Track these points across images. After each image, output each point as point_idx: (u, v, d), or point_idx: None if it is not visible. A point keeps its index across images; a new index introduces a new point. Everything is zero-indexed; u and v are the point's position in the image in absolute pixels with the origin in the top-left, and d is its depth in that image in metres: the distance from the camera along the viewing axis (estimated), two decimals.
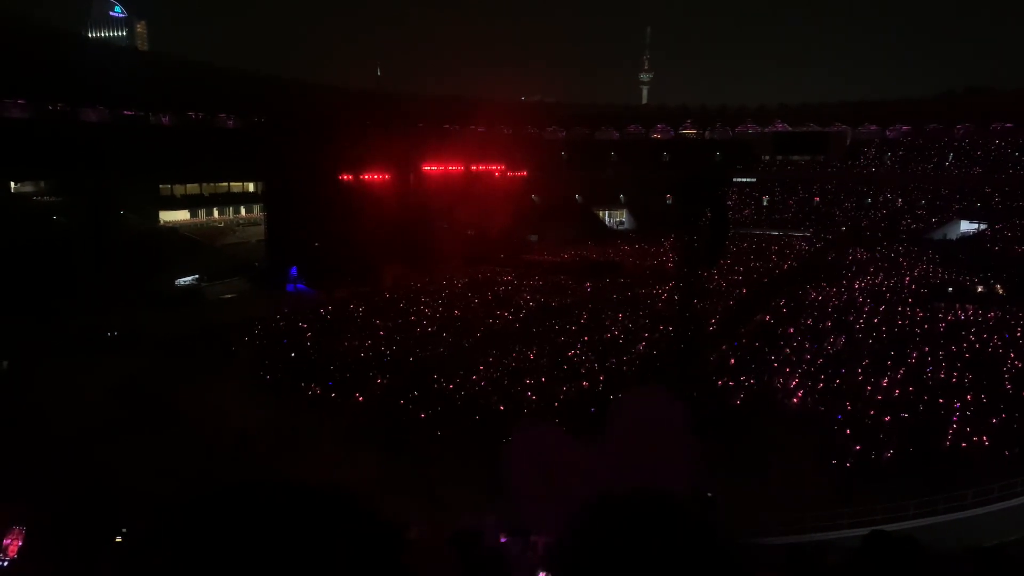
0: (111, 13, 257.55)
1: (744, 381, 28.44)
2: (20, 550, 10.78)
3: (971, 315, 39.97)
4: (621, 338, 35.57)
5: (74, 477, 19.43)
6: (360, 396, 27.07)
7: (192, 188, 73.35)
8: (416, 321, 39.41)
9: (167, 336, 35.56)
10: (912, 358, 31.30)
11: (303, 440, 23.63)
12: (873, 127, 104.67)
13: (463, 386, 27.94)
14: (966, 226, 76.81)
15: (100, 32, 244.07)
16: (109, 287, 42.49)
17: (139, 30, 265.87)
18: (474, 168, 74.36)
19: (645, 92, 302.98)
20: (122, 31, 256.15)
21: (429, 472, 21.06)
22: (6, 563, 10.79)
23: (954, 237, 74.56)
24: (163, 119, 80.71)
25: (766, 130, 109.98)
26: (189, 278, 51.53)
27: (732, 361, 31.53)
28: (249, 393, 28.65)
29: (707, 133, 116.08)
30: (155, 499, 17.91)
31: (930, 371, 29.39)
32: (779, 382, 28.36)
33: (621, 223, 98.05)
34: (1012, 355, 31.45)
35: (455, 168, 71.63)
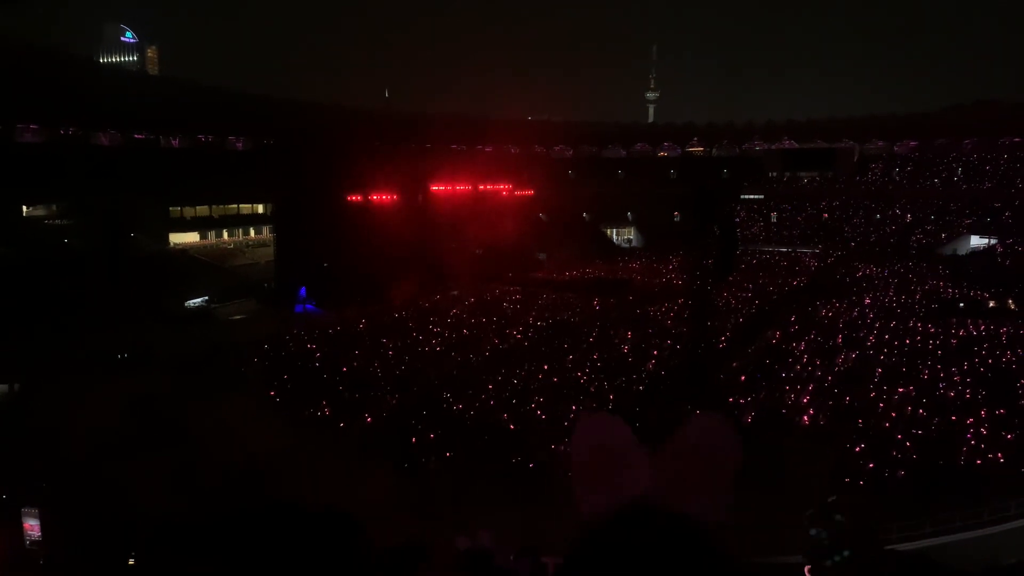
0: (122, 39, 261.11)
1: (755, 399, 28.29)
2: (43, 530, 10.90)
3: (983, 330, 39.69)
4: (630, 356, 35.45)
5: (86, 497, 19.45)
6: (369, 416, 27.05)
7: (202, 210, 73.77)
8: (425, 340, 39.41)
9: (178, 357, 35.67)
10: (924, 374, 31.08)
11: (313, 459, 23.59)
12: (881, 142, 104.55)
13: (472, 405, 27.88)
14: (976, 241, 76.43)
15: (111, 57, 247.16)
16: (120, 309, 42.72)
17: (150, 55, 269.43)
18: (482, 187, 74.63)
19: (651, 110, 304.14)
20: (133, 56, 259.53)
21: (438, 492, 21.02)
22: (35, 540, 10.87)
23: (964, 252, 74.16)
24: (173, 142, 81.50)
25: (773, 147, 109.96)
26: (199, 299, 51.79)
27: (743, 378, 31.37)
28: (259, 413, 28.66)
29: (714, 150, 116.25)
30: (166, 519, 17.94)
31: (943, 387, 29.16)
32: (790, 399, 28.19)
33: (629, 240, 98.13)
34: None
35: (463, 187, 71.91)
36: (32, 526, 11.33)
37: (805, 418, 26.31)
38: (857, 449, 22.88)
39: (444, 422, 26.01)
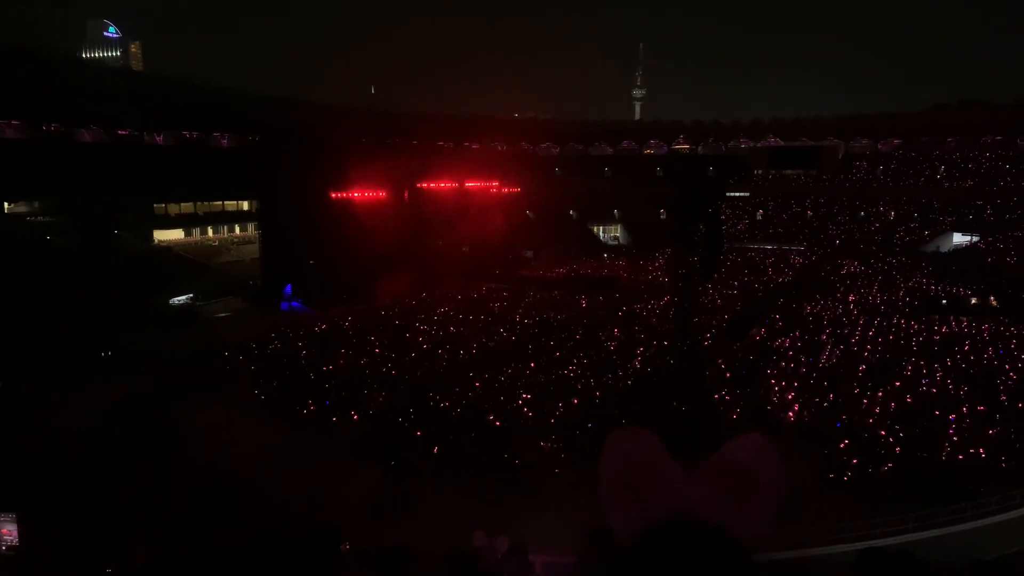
0: (105, 34, 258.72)
1: (740, 396, 28.40)
2: (21, 536, 10.77)
3: (966, 327, 40.07)
4: (616, 354, 35.53)
5: (69, 500, 19.30)
6: (356, 414, 26.96)
7: (186, 207, 73.36)
8: (412, 338, 39.32)
9: (162, 356, 35.40)
10: (908, 371, 31.34)
11: (300, 459, 23.49)
12: (865, 141, 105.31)
13: (459, 403, 27.85)
14: (959, 238, 77.17)
15: (95, 53, 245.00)
16: (104, 307, 42.36)
17: (133, 51, 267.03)
18: (469, 185, 74.58)
19: (638, 108, 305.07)
20: (116, 52, 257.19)
21: (425, 490, 21.02)
22: (11, 545, 10.73)
23: (947, 250, 74.86)
24: (157, 138, 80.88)
25: (759, 145, 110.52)
26: (184, 297, 51.43)
27: (728, 376, 31.49)
28: (245, 413, 28.51)
29: (700, 148, 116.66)
30: (150, 523, 17.83)
31: (926, 384, 29.43)
32: (775, 396, 28.33)
33: (616, 238, 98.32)
34: (1007, 367, 31.52)
35: (450, 185, 71.84)
36: (9, 531, 11.15)
37: (790, 415, 26.46)
38: (842, 445, 23.04)
39: (431, 420, 25.97)
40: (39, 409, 27.91)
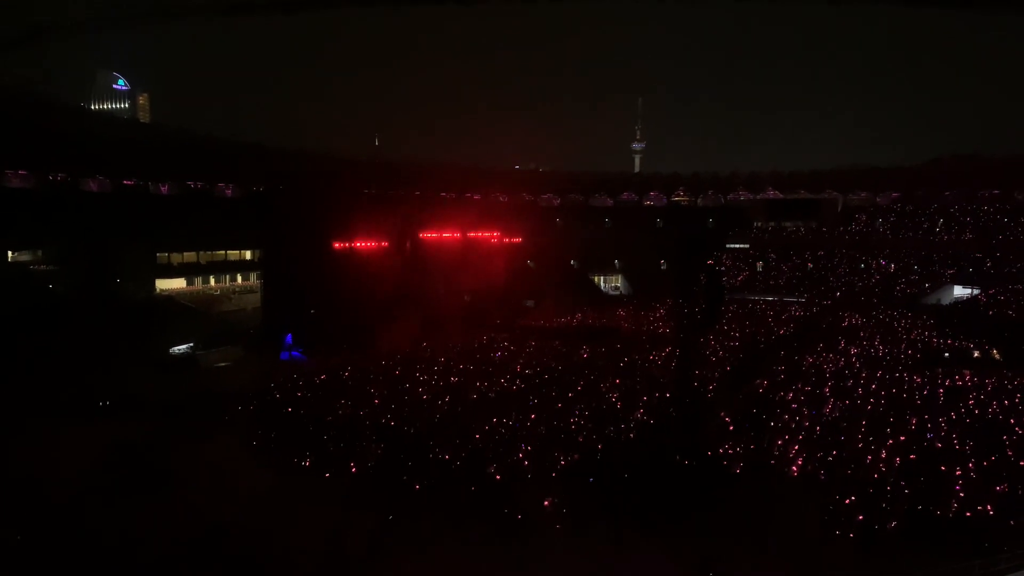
0: (114, 86, 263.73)
1: (743, 448, 28.09)
2: None
3: (969, 380, 39.84)
4: (618, 404, 35.25)
5: (67, 547, 19.04)
6: (354, 465, 26.63)
7: (189, 256, 73.58)
8: (411, 388, 39.07)
9: (162, 404, 35.20)
10: (912, 424, 31.06)
11: (295, 507, 23.14)
12: (864, 193, 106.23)
13: (459, 455, 27.52)
14: (959, 291, 77.27)
15: (103, 104, 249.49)
16: (104, 355, 42.26)
17: (141, 102, 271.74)
18: (470, 235, 75.06)
19: (637, 160, 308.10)
20: (125, 103, 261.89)
21: (424, 544, 20.66)
22: None
23: (948, 302, 74.91)
24: (162, 188, 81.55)
25: (758, 197, 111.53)
26: (184, 346, 51.33)
27: (731, 428, 31.18)
28: (243, 461, 28.20)
29: (699, 200, 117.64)
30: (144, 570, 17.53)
31: (931, 437, 29.14)
32: (778, 449, 28.02)
33: (616, 288, 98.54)
34: (1012, 421, 31.24)
35: (451, 235, 72.31)
36: None
37: (794, 468, 26.15)
38: (847, 501, 22.69)
39: (430, 471, 25.64)
40: (37, 456, 27.68)
